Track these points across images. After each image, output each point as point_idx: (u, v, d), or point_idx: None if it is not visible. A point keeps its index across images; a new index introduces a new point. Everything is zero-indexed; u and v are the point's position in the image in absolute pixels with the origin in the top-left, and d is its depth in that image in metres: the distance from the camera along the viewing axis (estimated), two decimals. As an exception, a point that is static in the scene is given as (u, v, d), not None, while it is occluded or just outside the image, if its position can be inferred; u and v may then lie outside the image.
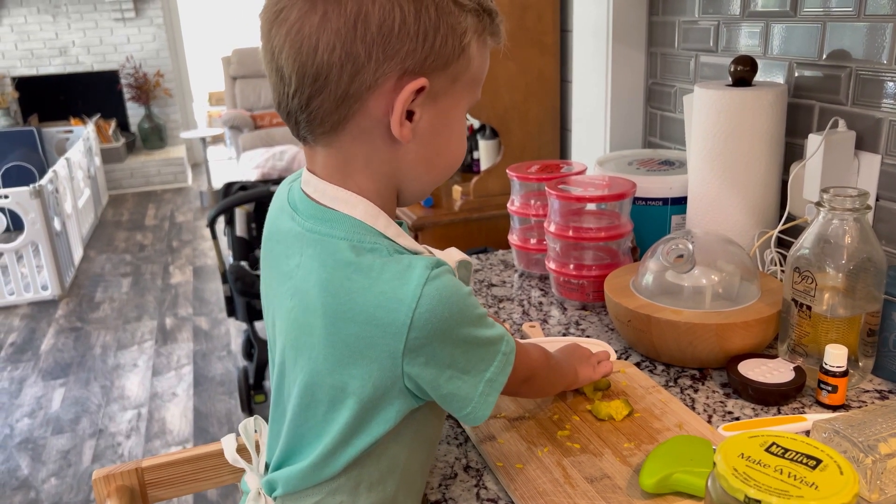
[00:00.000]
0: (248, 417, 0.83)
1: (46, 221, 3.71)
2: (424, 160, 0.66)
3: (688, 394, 0.94)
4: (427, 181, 0.69)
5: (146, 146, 6.39)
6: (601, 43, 1.56)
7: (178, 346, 3.24)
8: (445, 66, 0.62)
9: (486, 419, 0.65)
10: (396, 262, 0.61)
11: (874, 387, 0.93)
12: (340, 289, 0.61)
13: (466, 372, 0.63)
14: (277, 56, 0.60)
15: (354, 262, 0.61)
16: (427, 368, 0.61)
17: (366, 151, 0.64)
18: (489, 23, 0.65)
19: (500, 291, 1.29)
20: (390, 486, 0.68)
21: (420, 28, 0.59)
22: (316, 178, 0.66)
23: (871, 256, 0.88)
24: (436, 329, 0.59)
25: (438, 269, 0.60)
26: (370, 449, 0.66)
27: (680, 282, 1.01)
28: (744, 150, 1.13)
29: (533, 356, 0.77)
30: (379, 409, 0.64)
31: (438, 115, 0.64)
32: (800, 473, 0.53)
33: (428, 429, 0.70)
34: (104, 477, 0.85)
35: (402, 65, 0.59)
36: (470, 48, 0.63)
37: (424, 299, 0.58)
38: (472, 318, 0.62)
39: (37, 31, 5.98)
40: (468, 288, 0.63)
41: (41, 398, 2.84)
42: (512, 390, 0.77)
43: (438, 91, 0.63)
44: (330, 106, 0.61)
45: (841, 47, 1.10)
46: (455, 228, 2.13)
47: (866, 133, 1.08)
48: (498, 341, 0.65)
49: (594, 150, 1.66)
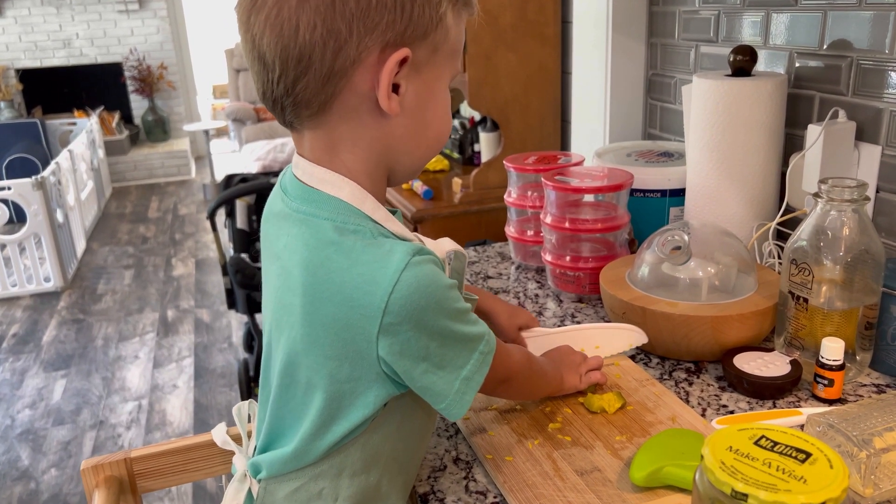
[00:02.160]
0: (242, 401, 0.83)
1: (49, 213, 3.71)
2: (413, 134, 0.66)
3: (682, 387, 0.93)
4: (418, 156, 0.68)
5: (150, 139, 6.39)
6: (601, 33, 1.54)
7: (179, 338, 3.25)
8: (424, 35, 0.62)
9: (462, 416, 0.65)
10: (378, 246, 0.61)
11: (871, 381, 0.92)
12: (320, 268, 0.61)
13: (442, 367, 0.62)
14: (259, 43, 0.60)
15: (336, 242, 0.61)
16: (402, 358, 0.60)
17: (354, 130, 0.64)
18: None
19: (497, 283, 1.28)
20: (374, 474, 0.68)
21: (400, 2, 0.59)
22: (304, 161, 0.66)
23: (869, 248, 0.86)
24: (410, 316, 0.59)
25: (421, 256, 0.60)
26: (353, 436, 0.65)
27: (676, 274, 1.00)
28: (742, 141, 1.11)
29: (514, 358, 0.76)
30: (356, 393, 0.63)
31: (423, 86, 0.64)
32: (788, 467, 0.52)
33: (413, 420, 0.70)
34: (93, 467, 0.84)
35: (383, 37, 0.59)
36: (446, 18, 0.63)
37: (401, 284, 0.58)
38: (450, 311, 0.62)
39: (40, 23, 5.97)
40: (451, 281, 0.63)
41: (42, 389, 2.85)
42: (490, 390, 0.76)
43: (421, 62, 0.63)
44: (316, 86, 0.60)
45: (842, 37, 1.08)
46: (455, 221, 2.12)
47: (867, 124, 1.06)
48: (477, 339, 0.64)
49: (594, 141, 1.65)
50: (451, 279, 0.64)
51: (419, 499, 0.75)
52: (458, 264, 0.73)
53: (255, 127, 5.50)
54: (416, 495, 0.76)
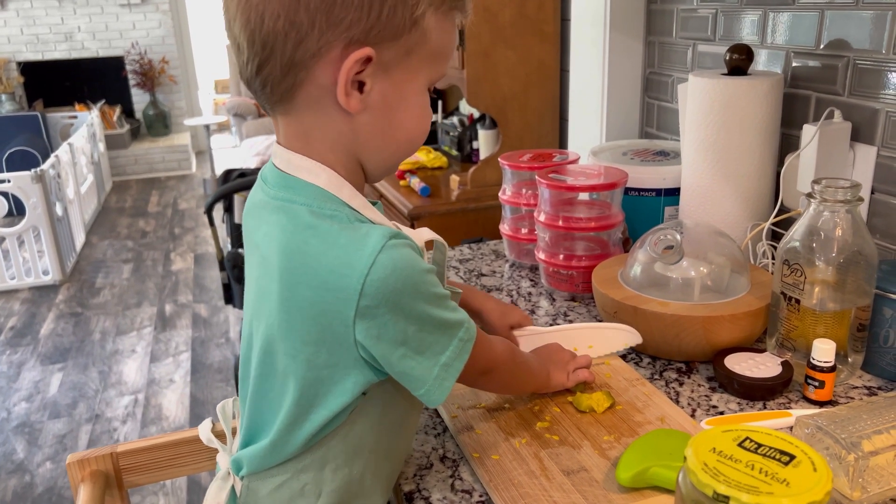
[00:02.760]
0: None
1: (48, 206, 3.71)
2: (380, 133, 0.65)
3: (672, 387, 0.92)
4: (387, 155, 0.68)
5: (151, 133, 6.39)
6: (598, 31, 1.54)
7: (176, 332, 3.24)
8: (395, 37, 0.61)
9: (442, 402, 0.64)
10: (354, 230, 0.61)
11: (863, 383, 0.91)
12: (297, 252, 0.61)
13: (421, 353, 0.62)
14: (232, 26, 0.62)
15: (313, 227, 0.61)
16: (379, 343, 0.60)
17: (321, 121, 0.64)
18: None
19: (490, 281, 1.28)
20: (357, 467, 0.67)
21: (369, 2, 0.59)
22: (282, 149, 0.67)
23: (861, 250, 0.86)
24: (386, 298, 0.58)
25: (397, 240, 0.60)
26: (333, 427, 0.65)
27: (668, 273, 1.00)
28: (737, 141, 1.10)
29: (496, 349, 0.76)
30: (334, 380, 0.63)
31: (393, 87, 0.63)
32: (772, 469, 0.51)
33: (394, 411, 0.69)
34: (78, 461, 0.84)
35: (346, 34, 0.59)
36: (425, 20, 0.62)
37: (377, 267, 0.58)
38: (428, 294, 0.61)
39: (42, 16, 5.97)
40: (428, 266, 0.62)
41: (39, 382, 2.84)
42: (471, 380, 0.76)
43: (390, 63, 0.62)
44: (278, 74, 0.61)
45: (839, 36, 1.07)
46: (452, 218, 2.11)
47: (863, 124, 1.05)
48: (456, 326, 0.64)
49: (591, 139, 1.64)
50: (430, 266, 0.63)
51: (404, 497, 0.75)
52: (439, 255, 0.73)
53: (255, 122, 5.49)
54: (402, 493, 0.75)
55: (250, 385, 0.69)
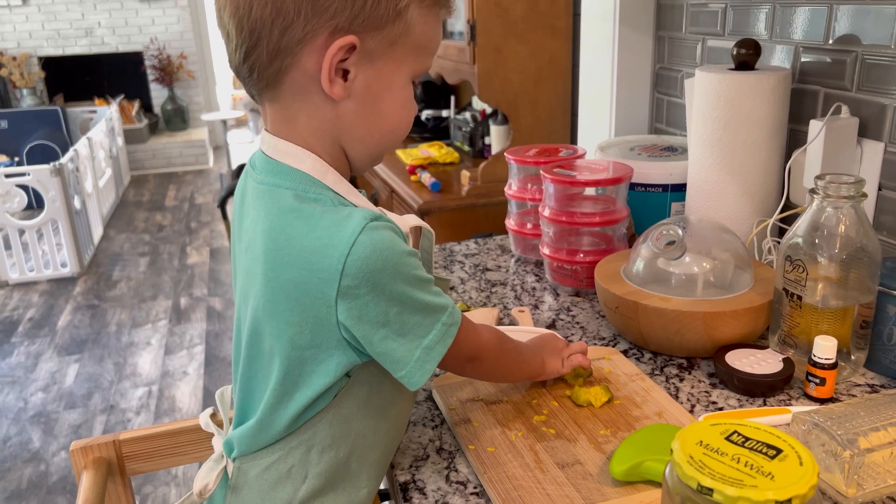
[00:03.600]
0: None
1: (66, 200, 3.76)
2: (364, 121, 0.66)
3: (673, 382, 0.92)
4: (370, 143, 0.69)
5: (169, 128, 6.45)
6: (608, 26, 1.53)
7: (191, 325, 3.28)
8: (379, 27, 0.62)
9: (422, 384, 0.65)
10: (337, 212, 0.62)
11: (866, 381, 0.90)
12: (281, 234, 0.62)
13: (403, 335, 0.63)
14: (222, 14, 0.63)
15: (297, 209, 0.62)
16: (361, 323, 0.61)
17: (307, 108, 0.65)
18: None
19: (495, 276, 1.28)
20: (342, 450, 0.68)
21: None
22: (269, 136, 0.68)
23: (865, 246, 0.85)
24: (367, 278, 0.59)
25: (378, 222, 0.61)
26: (318, 408, 0.66)
27: (671, 269, 0.99)
28: (744, 136, 1.10)
29: (482, 336, 0.76)
30: (318, 360, 0.64)
31: (377, 76, 0.65)
32: (757, 463, 0.51)
33: (382, 393, 0.70)
34: (81, 448, 0.85)
35: (331, 21, 0.61)
36: (408, 13, 0.63)
37: (358, 246, 0.59)
38: (409, 276, 0.62)
39: (63, 12, 6.04)
40: (410, 249, 0.63)
41: (56, 373, 2.89)
42: (458, 368, 0.76)
43: (374, 52, 0.63)
44: (265, 60, 0.63)
45: (848, 31, 1.06)
46: (462, 213, 2.11)
47: (871, 120, 1.04)
48: (439, 310, 0.65)
49: (600, 135, 1.64)
50: (413, 249, 0.64)
51: (399, 487, 0.75)
52: (426, 242, 0.74)
53: (272, 117, 5.52)
54: (397, 483, 0.76)
55: (240, 368, 0.70)
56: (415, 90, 0.70)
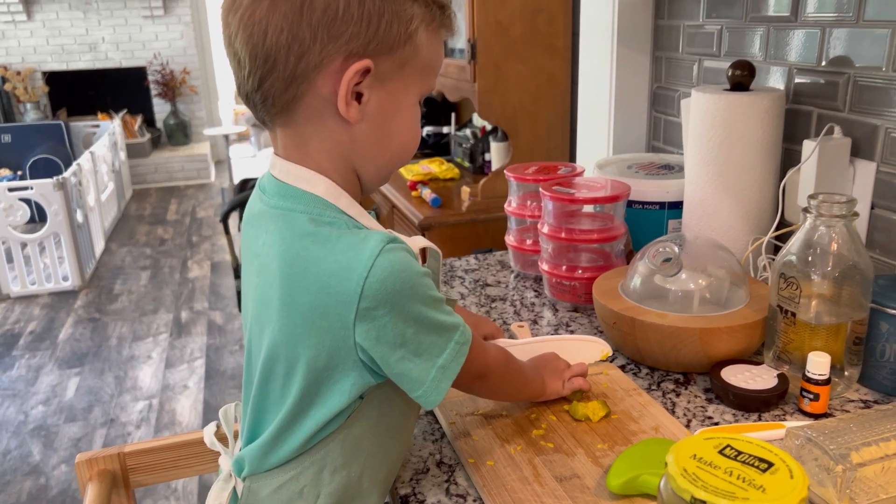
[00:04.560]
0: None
1: (69, 213, 3.78)
2: (376, 142, 0.68)
3: (669, 398, 0.93)
4: (381, 163, 0.70)
5: (171, 142, 6.48)
6: (606, 46, 1.56)
7: (192, 339, 3.29)
8: (391, 50, 0.64)
9: (438, 403, 0.66)
10: (353, 235, 0.63)
11: (860, 396, 0.92)
12: (297, 258, 0.63)
13: (418, 355, 0.64)
14: (233, 41, 0.64)
15: (312, 233, 0.63)
16: (378, 345, 0.62)
17: (320, 132, 0.66)
18: (439, 14, 0.68)
19: (495, 291, 1.30)
20: (355, 470, 0.69)
21: (364, 13, 0.62)
22: (280, 160, 0.69)
23: (857, 264, 0.87)
24: (386, 300, 0.60)
25: (395, 244, 0.62)
26: (330, 429, 0.67)
27: (667, 285, 1.01)
28: (739, 155, 1.12)
29: (491, 354, 0.78)
30: (333, 380, 0.65)
31: (388, 97, 0.67)
32: (749, 476, 0.53)
33: (393, 414, 0.71)
34: (87, 460, 0.87)
35: (346, 47, 0.62)
36: (417, 35, 0.66)
37: (376, 269, 0.60)
38: (425, 297, 0.63)
39: (68, 27, 6.10)
40: (424, 269, 0.65)
41: (56, 386, 2.90)
42: (466, 385, 0.77)
43: (386, 74, 0.65)
44: (280, 86, 0.63)
45: (840, 53, 1.09)
46: (462, 229, 2.13)
47: (863, 140, 1.06)
48: (452, 329, 0.66)
49: (598, 153, 1.66)
50: (426, 269, 0.65)
51: (400, 500, 0.76)
52: (433, 262, 0.75)
53: (273, 132, 5.56)
54: (398, 497, 0.77)
55: (253, 389, 0.71)
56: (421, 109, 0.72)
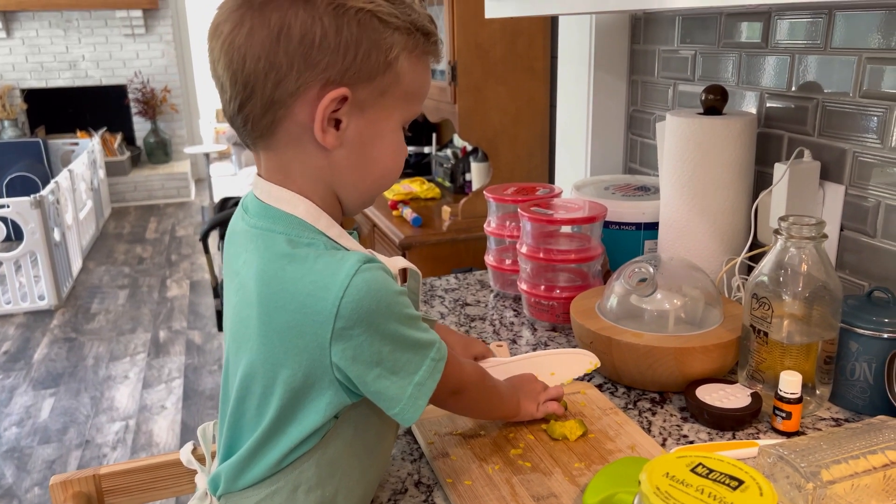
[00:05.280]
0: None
1: (46, 232, 3.74)
2: (356, 168, 0.69)
3: (645, 416, 0.94)
4: (363, 189, 0.71)
5: (151, 160, 6.45)
6: (583, 70, 1.58)
7: (170, 359, 3.26)
8: (370, 78, 0.65)
9: (416, 420, 0.66)
10: (330, 255, 0.64)
11: (831, 415, 0.93)
12: (274, 278, 0.64)
13: (395, 373, 0.64)
14: (216, 66, 0.65)
15: (290, 254, 0.64)
16: (355, 364, 0.63)
17: (300, 156, 0.67)
18: (423, 41, 0.68)
19: (474, 311, 1.31)
20: (329, 489, 0.69)
21: (341, 42, 0.62)
22: (262, 181, 0.70)
23: (826, 284, 0.89)
24: (362, 319, 0.61)
25: (371, 264, 0.63)
26: (306, 447, 0.67)
27: (643, 305, 1.03)
28: (713, 178, 1.14)
29: (466, 371, 0.78)
30: (309, 398, 0.65)
31: (367, 125, 0.67)
32: (720, 493, 0.54)
33: (369, 433, 0.71)
34: (61, 483, 0.86)
35: (323, 75, 0.63)
36: (398, 63, 0.66)
37: (352, 289, 0.60)
38: (400, 315, 0.64)
39: (47, 45, 6.07)
40: (401, 288, 0.65)
41: (30, 407, 2.85)
42: (441, 401, 0.78)
43: (365, 102, 0.66)
44: (259, 111, 0.65)
45: (809, 79, 1.12)
46: (443, 248, 2.14)
47: (831, 163, 1.09)
48: (428, 346, 0.67)
49: (576, 174, 1.68)
50: (403, 288, 0.66)
51: (378, 520, 0.77)
52: (413, 283, 0.76)
53: (255, 151, 5.56)
54: (376, 517, 0.77)
55: (230, 407, 0.71)
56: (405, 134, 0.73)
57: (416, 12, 0.67)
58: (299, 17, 0.62)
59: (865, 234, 1.06)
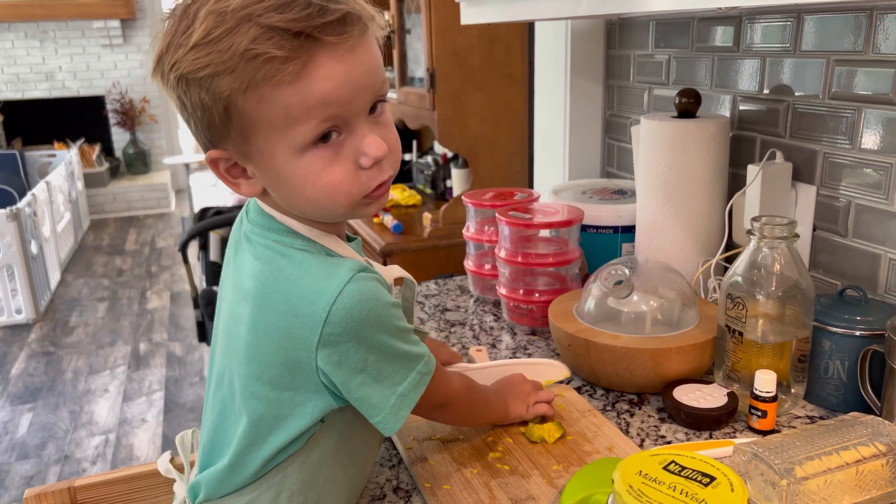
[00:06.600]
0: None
1: (23, 245, 3.70)
2: (296, 198, 0.65)
3: (623, 418, 0.95)
4: (320, 208, 0.65)
5: (130, 171, 6.40)
6: (560, 75, 1.60)
7: (150, 371, 3.22)
8: (224, 136, 0.62)
9: (397, 430, 0.67)
10: (326, 261, 0.64)
11: (806, 413, 0.94)
12: (270, 278, 0.64)
13: (379, 381, 0.64)
14: None
15: (288, 256, 0.65)
16: (339, 369, 0.63)
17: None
18: (253, 71, 0.57)
19: (454, 316, 1.31)
20: (312, 496, 0.69)
21: (194, 106, 0.60)
22: None
23: (799, 283, 0.90)
24: (350, 328, 0.61)
25: (366, 273, 0.63)
26: (289, 452, 0.67)
27: (620, 307, 1.03)
28: (687, 180, 1.15)
29: (453, 385, 0.78)
30: (294, 403, 0.65)
31: (265, 164, 0.63)
32: (692, 490, 0.54)
33: (353, 441, 0.71)
34: (35, 496, 0.85)
35: (202, 140, 0.65)
36: (235, 109, 0.59)
37: (343, 296, 0.61)
38: (390, 327, 0.64)
39: (24, 56, 6.02)
40: (394, 300, 0.65)
41: (8, 423, 2.81)
42: (426, 413, 0.78)
43: (242, 151, 0.63)
44: None
45: (780, 82, 1.13)
46: (424, 255, 2.15)
47: (803, 165, 1.11)
48: (415, 359, 0.67)
49: (555, 178, 1.69)
50: (396, 300, 0.66)
51: (356, 527, 0.76)
52: (408, 292, 0.76)
53: (235, 161, 5.53)
54: (354, 523, 0.77)
55: (214, 408, 0.71)
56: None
57: (232, 43, 0.56)
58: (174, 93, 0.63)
59: (837, 233, 1.07)
